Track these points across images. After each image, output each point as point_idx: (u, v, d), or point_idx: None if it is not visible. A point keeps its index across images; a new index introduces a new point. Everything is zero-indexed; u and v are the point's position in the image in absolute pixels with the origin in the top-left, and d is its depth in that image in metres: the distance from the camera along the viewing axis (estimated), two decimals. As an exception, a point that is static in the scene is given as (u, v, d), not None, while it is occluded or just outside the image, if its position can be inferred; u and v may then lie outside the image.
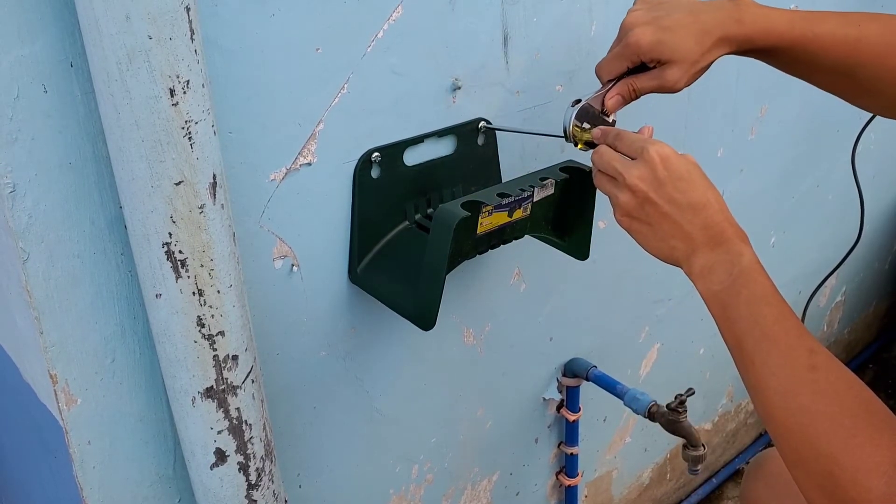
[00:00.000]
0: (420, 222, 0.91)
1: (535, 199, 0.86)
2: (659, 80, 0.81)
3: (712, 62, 0.82)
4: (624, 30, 0.82)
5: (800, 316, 1.55)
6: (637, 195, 0.71)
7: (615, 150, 0.74)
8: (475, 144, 0.94)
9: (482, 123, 0.93)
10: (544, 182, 0.86)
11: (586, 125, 0.83)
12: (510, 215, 0.85)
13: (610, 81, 0.84)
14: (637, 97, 0.84)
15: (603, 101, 0.84)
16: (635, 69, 0.82)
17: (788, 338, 0.65)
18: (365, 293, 0.89)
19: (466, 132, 0.93)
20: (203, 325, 0.68)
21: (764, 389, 0.64)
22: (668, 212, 0.70)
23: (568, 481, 1.34)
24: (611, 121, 0.85)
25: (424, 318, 0.81)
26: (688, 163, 0.71)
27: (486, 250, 0.90)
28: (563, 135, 0.85)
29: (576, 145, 0.84)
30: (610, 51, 0.84)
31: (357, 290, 0.89)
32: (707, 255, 0.69)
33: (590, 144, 0.83)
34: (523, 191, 0.83)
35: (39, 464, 0.90)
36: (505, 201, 0.82)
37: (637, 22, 0.81)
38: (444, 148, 0.92)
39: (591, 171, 0.88)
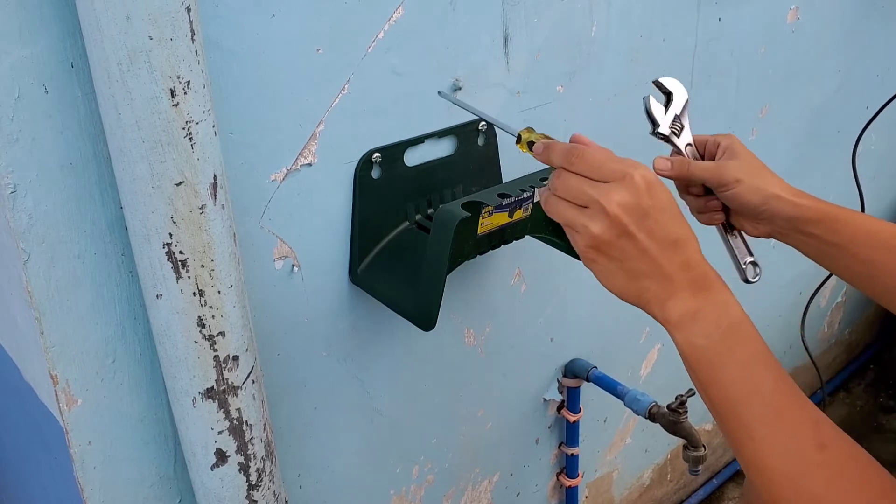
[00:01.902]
0: (421, 223, 0.91)
1: (536, 199, 0.86)
2: (716, 173, 0.80)
3: (760, 199, 0.81)
4: (730, 173, 0.81)
5: (800, 317, 1.55)
6: (615, 227, 0.60)
7: (575, 172, 0.62)
8: (475, 145, 0.94)
9: (482, 124, 0.93)
10: (545, 182, 0.86)
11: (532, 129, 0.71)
12: (511, 216, 0.85)
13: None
14: (685, 178, 0.82)
15: (677, 124, 0.83)
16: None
17: (792, 409, 0.58)
18: (365, 293, 0.89)
19: (467, 132, 0.93)
20: (204, 326, 0.68)
21: (768, 471, 0.57)
22: (648, 248, 0.60)
23: (568, 482, 1.34)
24: (679, 132, 0.84)
25: (425, 318, 0.81)
26: (669, 191, 0.62)
27: (487, 251, 0.90)
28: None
29: (518, 141, 0.71)
30: (700, 153, 0.84)
31: (357, 290, 0.89)
32: (688, 301, 0.61)
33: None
34: (524, 191, 0.83)
35: (40, 464, 0.90)
36: (506, 202, 0.82)
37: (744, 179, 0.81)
38: (444, 148, 0.92)
39: None
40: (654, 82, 0.82)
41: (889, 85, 1.67)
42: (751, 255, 0.89)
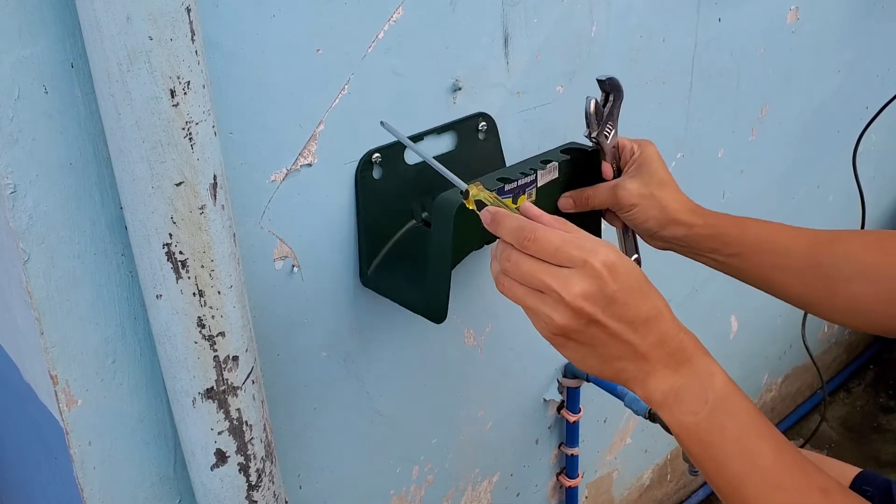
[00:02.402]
0: (428, 220, 0.90)
1: (540, 184, 0.84)
2: (613, 198, 0.84)
3: (659, 218, 0.84)
4: (626, 198, 0.84)
5: (800, 317, 1.55)
6: (580, 317, 0.56)
7: (529, 253, 0.58)
8: (476, 140, 0.94)
9: (482, 123, 0.93)
10: (546, 165, 0.84)
11: (480, 187, 0.67)
12: (515, 202, 0.84)
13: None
14: (585, 208, 0.86)
15: (609, 132, 0.85)
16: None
17: (795, 479, 0.55)
18: (365, 293, 0.89)
19: (467, 127, 0.92)
20: (203, 326, 0.68)
21: None
22: (619, 332, 0.57)
23: (568, 482, 1.33)
24: (609, 134, 0.86)
25: (435, 310, 0.80)
26: (634, 268, 0.59)
27: (495, 239, 0.89)
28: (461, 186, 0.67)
29: (465, 198, 0.65)
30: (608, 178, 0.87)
31: (358, 290, 0.89)
32: (668, 377, 0.57)
33: (481, 204, 0.65)
34: (524, 174, 0.81)
35: (40, 464, 0.90)
36: (507, 187, 0.80)
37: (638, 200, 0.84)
38: (444, 144, 0.92)
39: (595, 150, 0.88)
40: (597, 79, 0.85)
41: (889, 85, 1.66)
42: (637, 252, 0.93)
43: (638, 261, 0.92)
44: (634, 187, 0.84)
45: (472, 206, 0.64)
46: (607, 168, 0.87)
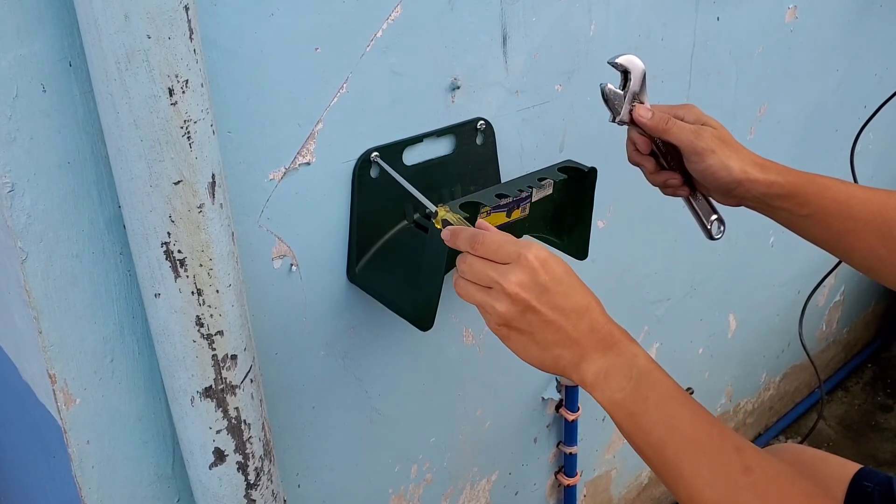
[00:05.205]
0: (419, 222, 0.91)
1: (534, 199, 0.86)
2: (694, 135, 0.82)
3: (732, 176, 0.83)
4: (707, 140, 0.83)
5: (798, 315, 1.56)
6: (517, 304, 0.64)
7: (479, 255, 0.67)
8: (474, 144, 0.94)
9: (481, 122, 0.93)
10: (542, 182, 0.86)
11: (446, 207, 0.74)
12: (508, 216, 0.85)
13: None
14: (662, 133, 0.83)
15: (639, 96, 0.83)
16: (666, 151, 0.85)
17: (712, 438, 0.60)
18: (364, 293, 0.89)
19: (465, 132, 0.93)
20: (202, 325, 0.68)
21: (701, 503, 0.59)
22: (553, 318, 0.64)
23: (567, 481, 1.34)
24: (623, 112, 0.84)
25: (423, 319, 0.81)
26: (564, 265, 0.66)
27: None
28: (432, 211, 0.75)
29: (434, 217, 0.74)
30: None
31: (356, 289, 0.89)
32: (598, 360, 0.64)
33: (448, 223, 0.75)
34: (521, 191, 0.83)
35: (38, 463, 0.90)
36: (503, 202, 0.82)
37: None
38: (442, 147, 0.92)
39: (592, 170, 0.88)
40: (609, 62, 0.83)
41: (887, 84, 1.67)
42: (715, 212, 0.89)
43: (721, 221, 0.89)
44: (712, 132, 0.82)
45: (439, 226, 0.72)
46: (644, 112, 0.84)
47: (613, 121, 0.84)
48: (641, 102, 0.84)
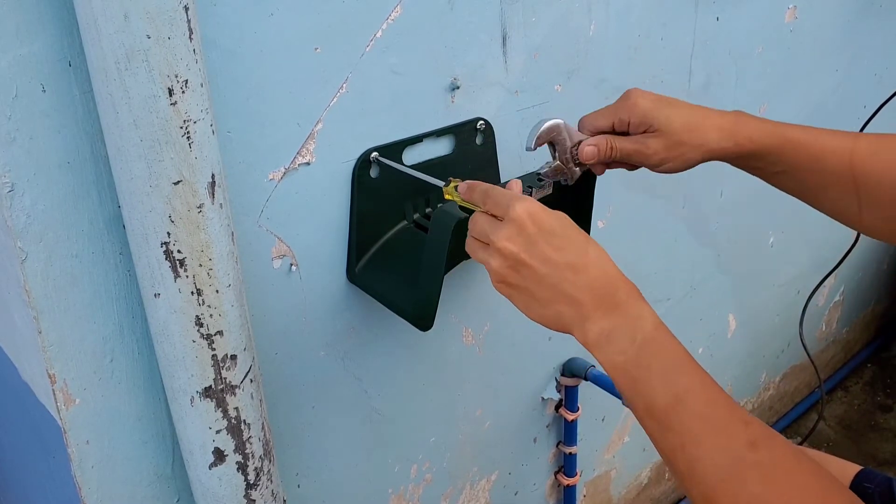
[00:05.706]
0: (419, 222, 0.91)
1: (535, 198, 0.86)
2: (639, 146, 0.78)
3: (699, 157, 0.79)
4: (626, 94, 0.80)
5: (798, 315, 1.55)
6: (507, 258, 0.63)
7: (485, 211, 0.66)
8: (474, 144, 0.94)
9: (480, 122, 0.93)
10: (542, 182, 0.86)
11: (454, 181, 0.74)
12: None
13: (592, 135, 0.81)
14: (612, 157, 0.80)
15: (575, 148, 0.80)
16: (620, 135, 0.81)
17: (718, 411, 0.57)
18: (364, 293, 0.89)
19: (465, 132, 0.93)
20: (202, 325, 0.68)
21: (703, 477, 0.56)
22: (545, 273, 0.62)
23: (567, 481, 1.34)
24: (576, 170, 0.81)
25: (422, 319, 0.81)
26: (559, 217, 0.63)
27: None
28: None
29: (446, 185, 0.74)
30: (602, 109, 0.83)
31: (356, 289, 0.89)
32: (601, 320, 0.61)
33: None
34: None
35: (38, 463, 0.90)
36: None
37: (640, 91, 0.80)
38: (442, 147, 0.92)
39: (591, 172, 0.88)
40: (527, 150, 0.80)
41: (887, 84, 1.67)
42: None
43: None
44: (657, 144, 0.79)
45: (452, 196, 0.73)
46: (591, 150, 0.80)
47: (569, 183, 0.83)
48: (578, 144, 0.81)
